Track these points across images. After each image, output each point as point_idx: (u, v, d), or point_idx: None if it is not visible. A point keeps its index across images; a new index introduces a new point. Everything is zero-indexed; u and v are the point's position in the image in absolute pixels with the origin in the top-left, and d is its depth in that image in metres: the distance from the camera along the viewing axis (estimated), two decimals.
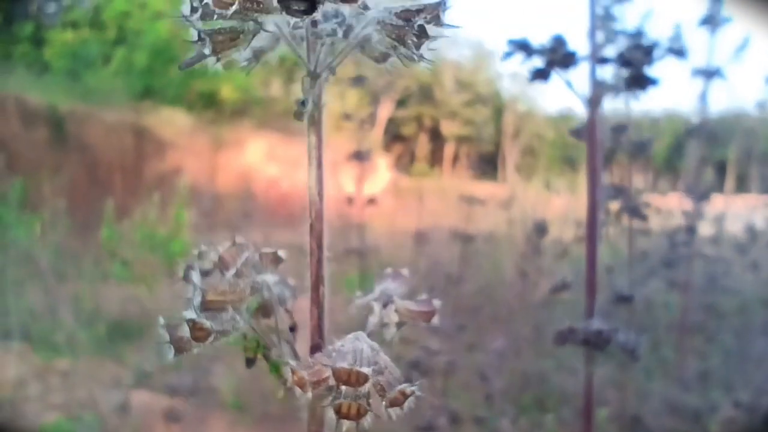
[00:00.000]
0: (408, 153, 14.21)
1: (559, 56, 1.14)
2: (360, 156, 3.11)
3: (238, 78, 12.17)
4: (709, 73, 2.14)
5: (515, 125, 13.79)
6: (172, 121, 10.89)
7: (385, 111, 12.60)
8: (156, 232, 4.64)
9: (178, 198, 5.14)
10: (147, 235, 4.63)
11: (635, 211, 1.36)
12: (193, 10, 0.58)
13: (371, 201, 3.17)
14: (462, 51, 15.47)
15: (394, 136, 13.69)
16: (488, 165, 13.47)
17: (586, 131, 1.16)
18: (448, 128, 14.23)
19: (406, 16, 0.61)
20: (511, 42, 1.20)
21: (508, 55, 1.22)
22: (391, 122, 13.32)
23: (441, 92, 14.43)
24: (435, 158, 14.39)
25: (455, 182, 11.28)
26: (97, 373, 3.43)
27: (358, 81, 2.79)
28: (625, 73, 1.21)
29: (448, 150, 14.31)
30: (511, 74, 14.50)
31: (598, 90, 1.13)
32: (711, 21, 2.06)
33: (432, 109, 14.32)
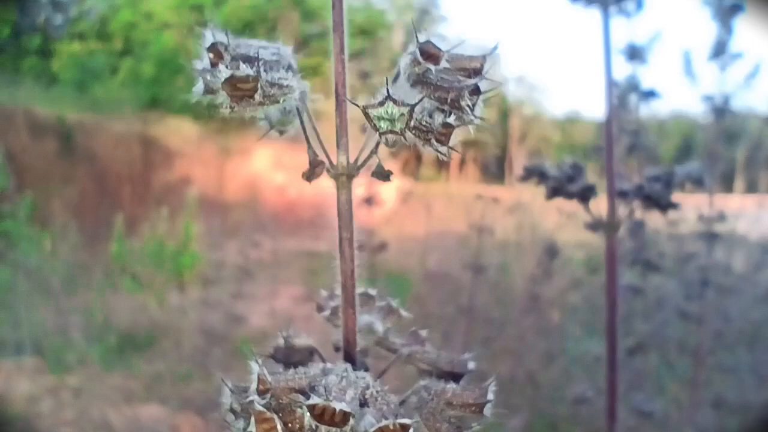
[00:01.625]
0: (415, 158, 14.21)
1: (577, 188, 1.14)
2: (370, 201, 3.12)
3: None
4: (720, 111, 2.13)
5: (522, 129, 13.76)
6: (179, 131, 10.94)
7: None
8: (165, 246, 4.66)
9: (187, 210, 5.17)
10: (156, 250, 4.65)
11: (649, 263, 1.34)
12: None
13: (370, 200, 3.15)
14: None
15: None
16: (495, 169, 13.45)
17: (606, 253, 1.16)
18: (455, 132, 14.18)
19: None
20: (527, 169, 1.21)
21: (524, 179, 1.23)
22: None
23: None
24: (442, 163, 14.35)
25: (462, 187, 11.26)
26: (108, 387, 3.44)
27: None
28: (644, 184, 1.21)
29: (455, 154, 14.27)
30: (517, 78, 14.49)
31: (617, 218, 1.13)
32: (720, 54, 2.04)
33: None
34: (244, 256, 6.15)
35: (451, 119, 0.62)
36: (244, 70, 0.61)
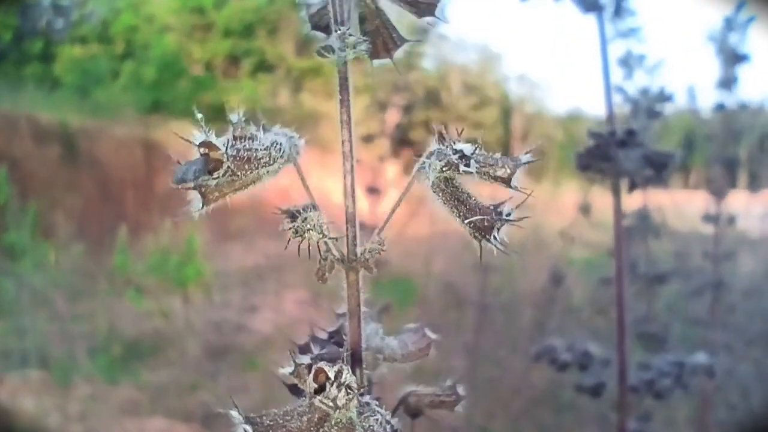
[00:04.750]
0: (417, 158, 14.16)
1: (589, 384, 1.14)
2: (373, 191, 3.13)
3: (246, 89, 12.22)
4: (727, 162, 2.12)
5: (524, 127, 13.73)
6: (181, 134, 10.94)
7: (393, 117, 12.60)
8: (168, 258, 4.67)
9: (190, 222, 5.18)
10: (160, 261, 4.67)
11: (656, 337, 1.32)
12: None
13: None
14: (468, 54, 15.44)
15: (402, 141, 13.66)
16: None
17: None
18: (457, 132, 14.15)
19: None
20: (538, 351, 1.24)
21: (535, 360, 1.27)
22: (399, 128, 13.29)
23: (448, 96, 14.38)
24: None
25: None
26: (114, 399, 3.44)
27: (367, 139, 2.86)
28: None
29: None
30: (519, 76, 14.46)
31: (628, 404, 1.13)
32: (724, 106, 2.03)
33: (439, 113, 14.28)
34: (248, 260, 6.15)
35: None
36: None
